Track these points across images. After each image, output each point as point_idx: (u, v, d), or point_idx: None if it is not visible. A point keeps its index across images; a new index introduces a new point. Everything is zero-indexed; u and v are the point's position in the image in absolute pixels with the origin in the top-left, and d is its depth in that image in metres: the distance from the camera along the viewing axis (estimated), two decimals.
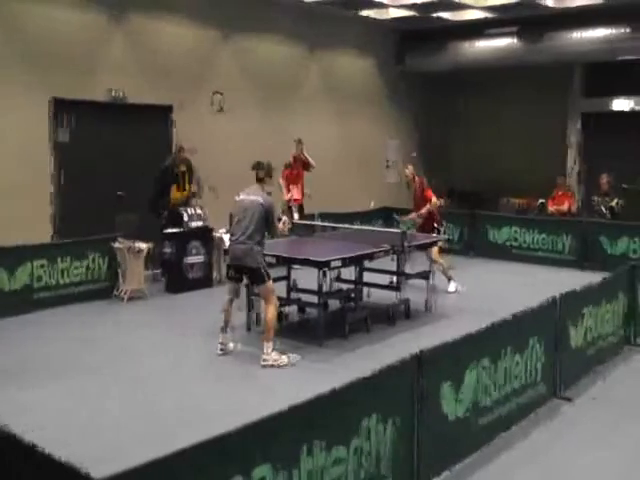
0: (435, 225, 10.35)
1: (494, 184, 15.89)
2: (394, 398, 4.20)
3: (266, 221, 7.01)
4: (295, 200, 11.94)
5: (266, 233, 7.22)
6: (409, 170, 10.53)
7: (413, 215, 10.57)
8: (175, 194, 10.38)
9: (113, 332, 8.25)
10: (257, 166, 7.33)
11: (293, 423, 3.51)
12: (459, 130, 17.08)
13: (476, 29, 14.66)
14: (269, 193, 7.48)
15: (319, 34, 14.16)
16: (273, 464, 3.32)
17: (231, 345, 7.33)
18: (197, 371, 6.88)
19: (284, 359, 6.91)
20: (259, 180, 7.29)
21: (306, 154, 12.07)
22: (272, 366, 6.84)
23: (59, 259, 9.21)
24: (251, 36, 12.87)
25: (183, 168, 10.48)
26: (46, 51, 10.04)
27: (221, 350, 7.22)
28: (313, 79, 14.29)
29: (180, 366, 7.00)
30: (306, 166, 12.11)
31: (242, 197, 7.18)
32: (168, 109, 11.63)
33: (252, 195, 7.11)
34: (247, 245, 6.92)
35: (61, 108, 10.25)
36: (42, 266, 9.01)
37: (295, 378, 6.63)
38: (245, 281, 7.43)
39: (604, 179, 12.68)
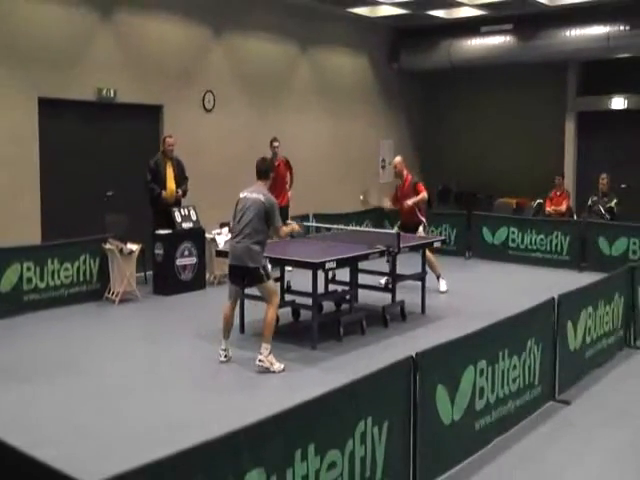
0: (420, 217, 10.10)
1: (489, 184, 15.81)
2: (389, 401, 4.11)
3: (266, 220, 6.80)
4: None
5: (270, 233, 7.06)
6: (398, 160, 10.21)
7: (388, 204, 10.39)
8: (165, 193, 10.18)
9: (104, 334, 8.13)
10: (260, 163, 7.15)
11: (286, 427, 3.43)
12: (453, 129, 16.99)
13: (471, 27, 14.59)
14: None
15: (311, 32, 14.07)
16: (266, 468, 3.24)
17: (231, 352, 7.14)
18: (189, 374, 6.75)
19: (280, 366, 6.71)
20: (262, 178, 7.10)
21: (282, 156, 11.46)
22: (267, 369, 6.67)
23: (49, 261, 9.06)
24: (242, 34, 12.74)
25: (169, 167, 10.22)
26: (34, 50, 9.88)
27: (224, 357, 7.00)
28: (305, 77, 14.18)
29: (172, 369, 6.87)
30: (289, 169, 11.51)
31: (245, 195, 6.98)
32: (158, 108, 11.51)
33: (254, 193, 6.91)
34: (246, 244, 6.72)
35: (49, 108, 10.08)
36: (31, 268, 8.86)
37: (288, 381, 6.51)
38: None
39: (604, 179, 12.38)
